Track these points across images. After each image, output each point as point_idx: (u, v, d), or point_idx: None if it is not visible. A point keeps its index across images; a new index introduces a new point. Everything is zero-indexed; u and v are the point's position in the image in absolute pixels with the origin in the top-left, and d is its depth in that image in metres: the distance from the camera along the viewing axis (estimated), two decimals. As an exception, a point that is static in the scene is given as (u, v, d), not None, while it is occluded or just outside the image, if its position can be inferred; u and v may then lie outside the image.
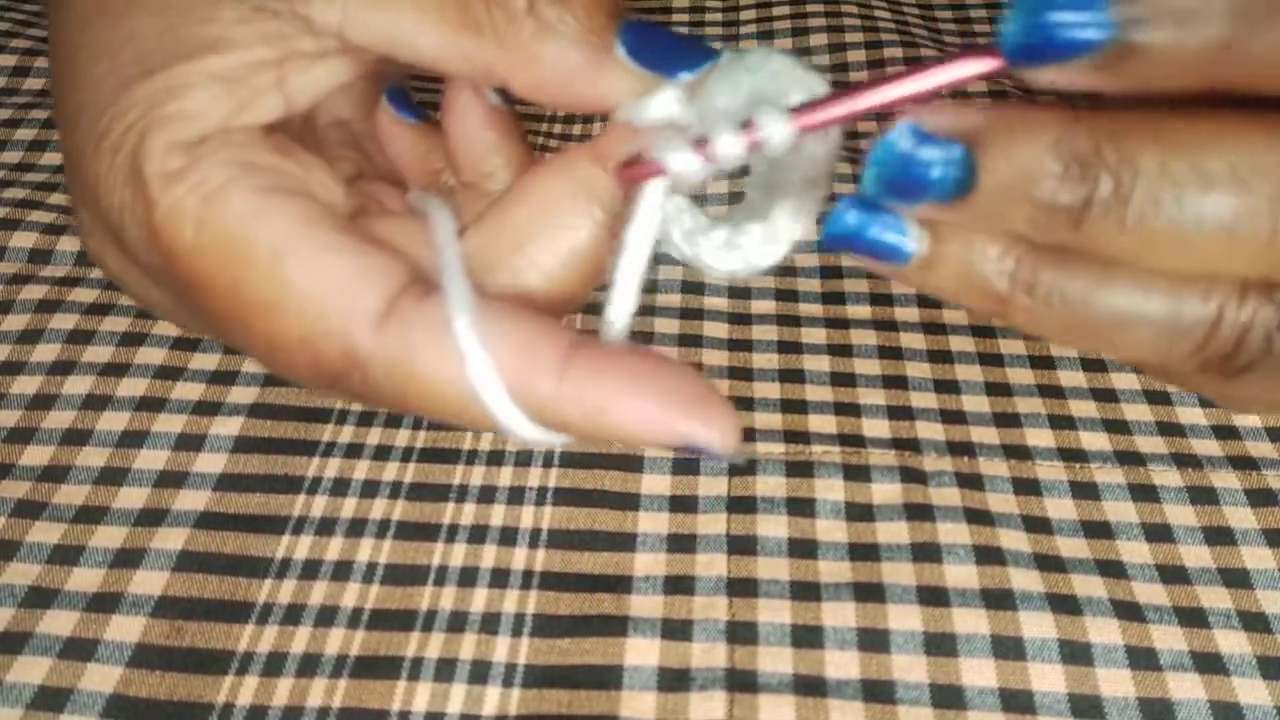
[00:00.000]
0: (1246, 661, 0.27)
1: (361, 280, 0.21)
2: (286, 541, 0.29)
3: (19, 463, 0.31)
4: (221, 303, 0.21)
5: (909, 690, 0.26)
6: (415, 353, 0.20)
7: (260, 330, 0.21)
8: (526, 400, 0.20)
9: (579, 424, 0.20)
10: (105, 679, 0.26)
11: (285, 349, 0.21)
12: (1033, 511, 0.30)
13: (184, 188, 0.21)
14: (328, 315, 0.21)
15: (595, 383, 0.20)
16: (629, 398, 0.20)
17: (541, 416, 0.21)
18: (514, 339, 0.20)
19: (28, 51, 0.46)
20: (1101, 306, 0.19)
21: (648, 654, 0.27)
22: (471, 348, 0.20)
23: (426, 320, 0.21)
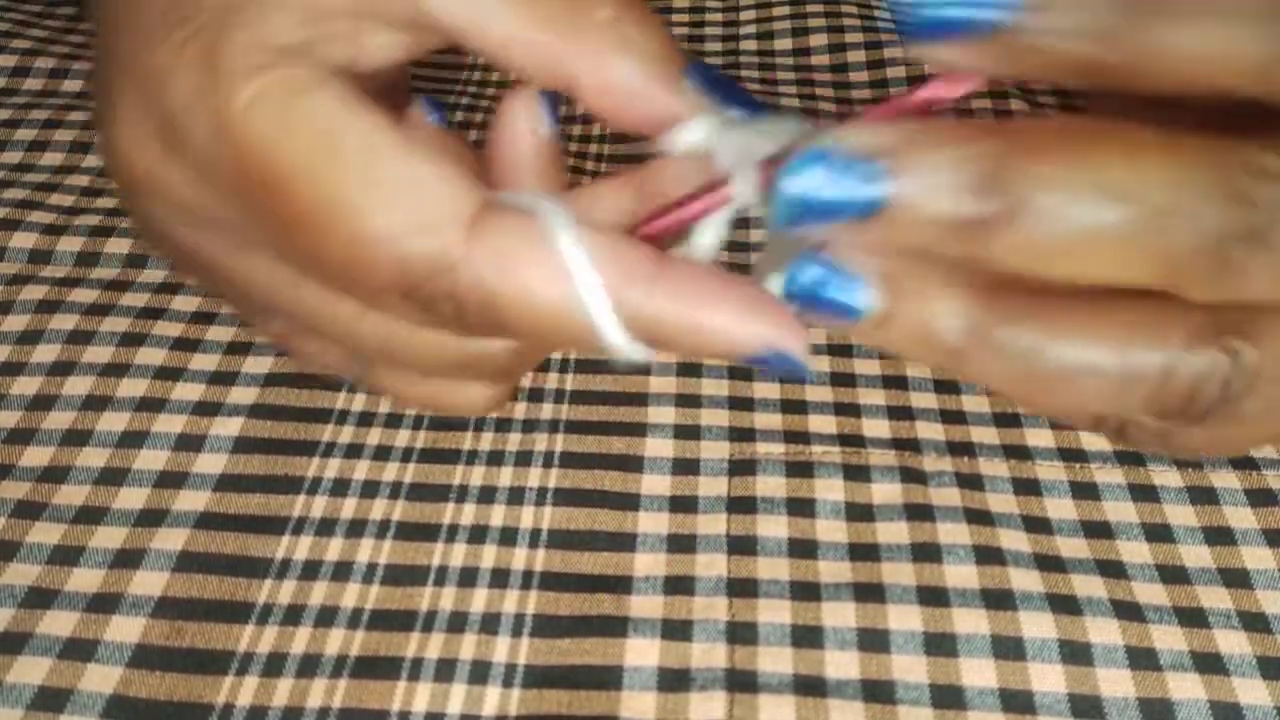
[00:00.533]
0: (1246, 661, 0.27)
1: (453, 185, 0.21)
2: (286, 542, 0.29)
3: (19, 463, 0.31)
4: (298, 201, 0.21)
5: (909, 690, 0.26)
6: (511, 257, 0.20)
7: (342, 230, 0.21)
8: (622, 309, 0.20)
9: (671, 331, 0.21)
10: (105, 679, 0.26)
11: (369, 248, 0.20)
12: (1033, 511, 0.30)
13: (271, 79, 0.21)
14: (421, 214, 0.20)
15: (685, 292, 0.21)
16: (718, 305, 0.21)
17: (635, 326, 0.21)
18: (608, 250, 0.20)
19: (28, 52, 0.46)
20: (1053, 358, 0.19)
21: (648, 654, 0.27)
22: (576, 251, 0.20)
23: (523, 228, 0.20)
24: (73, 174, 0.41)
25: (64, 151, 0.42)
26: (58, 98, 0.45)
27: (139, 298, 0.36)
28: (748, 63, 0.47)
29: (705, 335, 0.21)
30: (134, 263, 0.37)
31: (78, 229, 0.38)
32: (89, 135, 0.42)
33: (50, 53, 0.46)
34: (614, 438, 0.32)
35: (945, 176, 0.18)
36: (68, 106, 0.44)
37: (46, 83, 0.45)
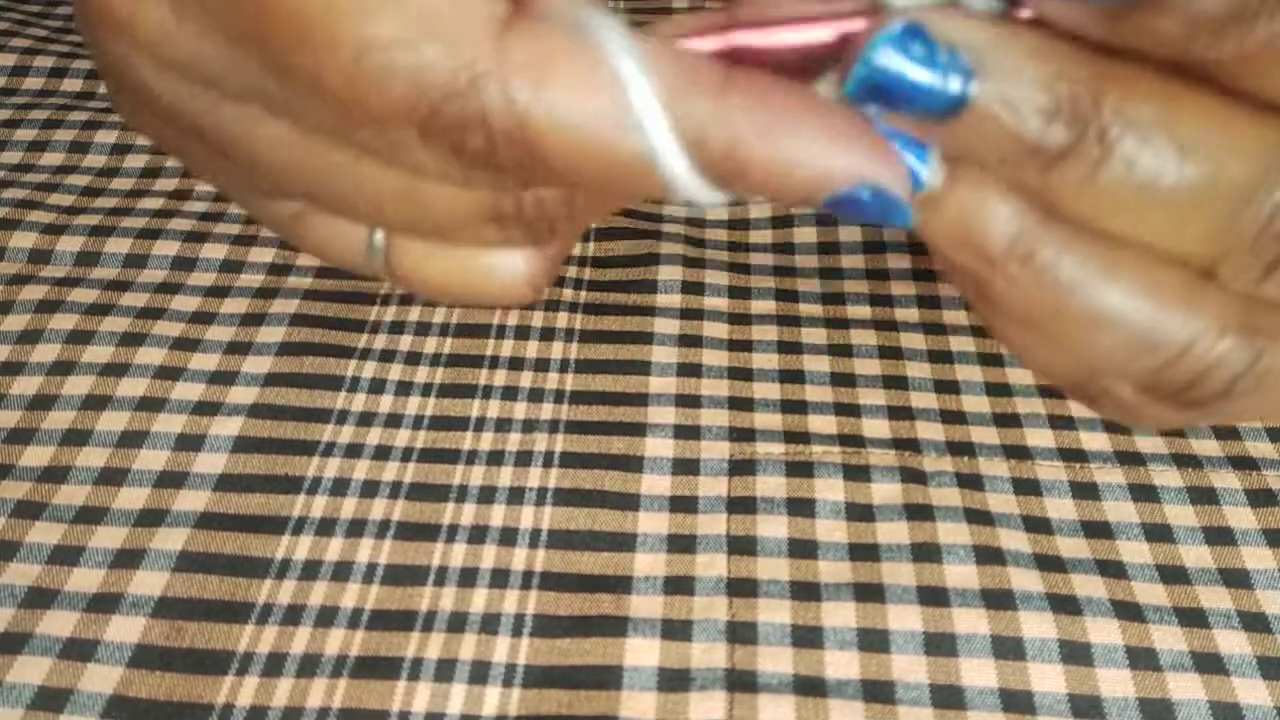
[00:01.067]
0: (1246, 661, 0.27)
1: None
2: (286, 542, 0.29)
3: (19, 463, 0.31)
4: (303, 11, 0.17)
5: (909, 690, 0.26)
6: (551, 69, 0.17)
7: (348, 41, 0.17)
8: (687, 128, 0.17)
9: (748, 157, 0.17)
10: (105, 679, 0.26)
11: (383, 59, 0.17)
12: (1033, 511, 0.30)
13: None
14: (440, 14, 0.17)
15: (764, 106, 0.17)
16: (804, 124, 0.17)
17: (704, 152, 0.17)
18: (666, 57, 0.17)
19: (27, 51, 0.46)
20: (1091, 297, 0.18)
21: (648, 654, 0.27)
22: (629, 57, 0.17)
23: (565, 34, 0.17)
24: (73, 174, 0.41)
25: (64, 151, 0.42)
26: (58, 97, 0.45)
27: (139, 298, 0.36)
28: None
29: (789, 164, 0.17)
30: (134, 263, 0.37)
31: (78, 229, 0.38)
32: (89, 135, 0.42)
33: (49, 51, 0.46)
34: (614, 438, 0.32)
35: (1035, 94, 0.16)
36: (67, 106, 0.44)
37: (46, 82, 0.45)
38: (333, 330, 0.35)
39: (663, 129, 0.17)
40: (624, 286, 0.36)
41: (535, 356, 0.34)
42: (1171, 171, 0.16)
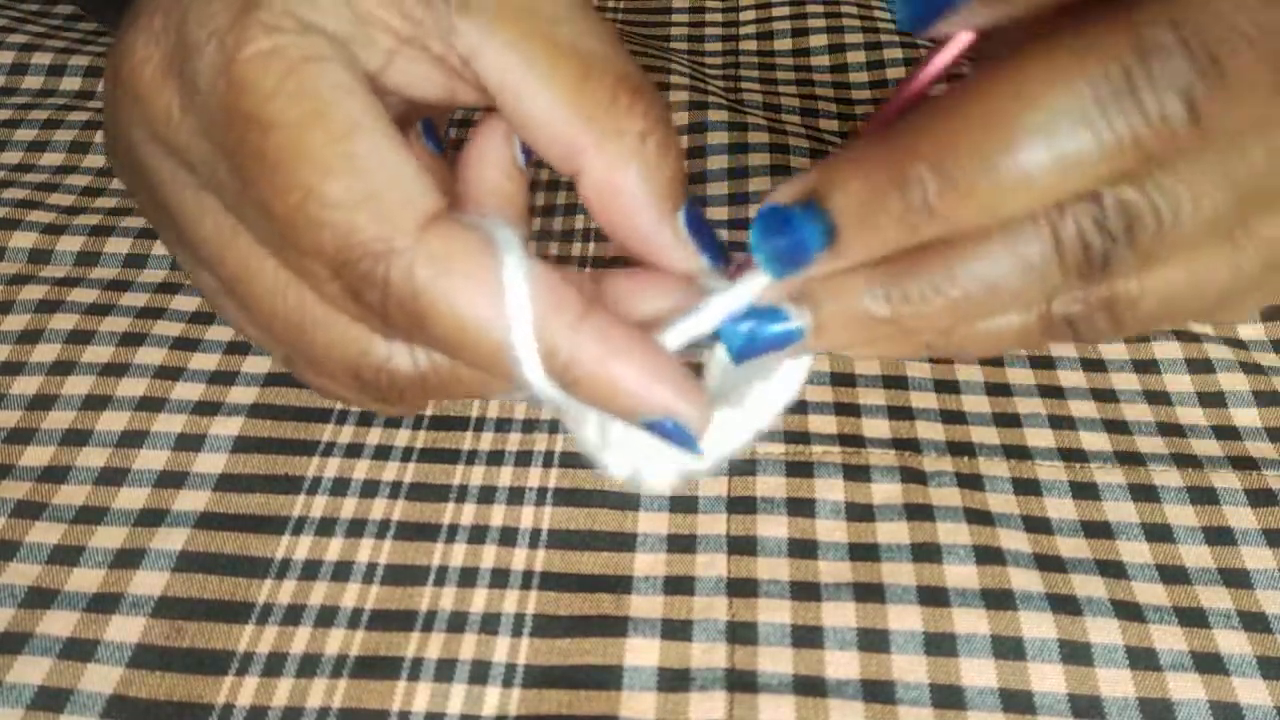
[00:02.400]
0: (1246, 661, 0.27)
1: (422, 182, 0.22)
2: (286, 541, 0.29)
3: (19, 463, 0.31)
4: (275, 152, 0.21)
5: (909, 690, 0.26)
6: (452, 263, 0.21)
7: (302, 185, 0.21)
8: (544, 338, 0.21)
9: (584, 373, 0.22)
10: (105, 679, 0.26)
11: (320, 213, 0.21)
12: (1033, 511, 0.30)
13: (285, 41, 0.22)
14: (381, 196, 0.21)
15: (607, 338, 0.22)
16: (633, 361, 0.22)
17: (552, 360, 0.22)
18: (546, 279, 0.21)
19: (24, 48, 0.46)
20: (965, 279, 0.21)
21: (648, 654, 0.27)
22: (516, 271, 0.21)
23: (469, 238, 0.21)
24: (73, 174, 0.41)
25: (64, 151, 0.42)
26: (57, 97, 0.45)
27: (139, 298, 0.36)
28: (747, 63, 0.47)
29: (614, 386, 0.22)
30: (134, 263, 0.37)
31: (78, 229, 0.38)
32: (89, 135, 0.42)
33: (48, 48, 0.46)
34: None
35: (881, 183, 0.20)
36: (67, 106, 0.44)
37: (45, 81, 0.45)
38: (333, 330, 0.35)
39: (526, 337, 0.21)
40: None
41: (535, 356, 0.34)
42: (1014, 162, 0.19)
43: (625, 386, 0.22)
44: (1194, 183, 0.20)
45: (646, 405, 0.22)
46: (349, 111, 0.21)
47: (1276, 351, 0.35)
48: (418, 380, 0.24)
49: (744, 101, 0.44)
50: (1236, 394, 0.33)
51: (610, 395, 0.22)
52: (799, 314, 0.22)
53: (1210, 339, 0.35)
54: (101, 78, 0.45)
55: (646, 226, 0.24)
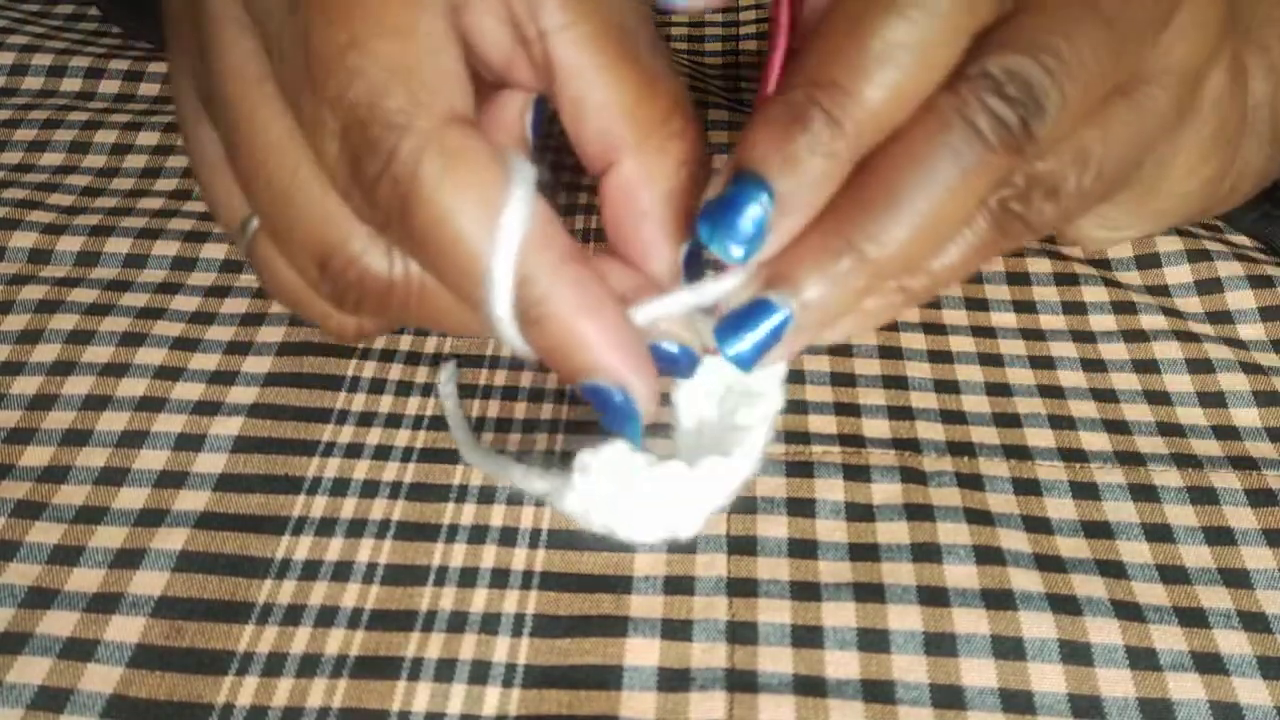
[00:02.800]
0: (1246, 661, 0.27)
1: (463, 85, 0.22)
2: (286, 542, 0.29)
3: (19, 463, 0.31)
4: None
5: (909, 690, 0.26)
6: (463, 161, 0.21)
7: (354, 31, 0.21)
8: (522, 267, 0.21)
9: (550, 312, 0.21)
10: (105, 679, 0.26)
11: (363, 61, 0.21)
12: (1033, 511, 0.30)
13: None
14: (423, 74, 0.21)
15: (584, 291, 0.22)
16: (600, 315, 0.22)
17: (524, 288, 0.21)
18: (544, 215, 0.22)
19: (25, 49, 0.46)
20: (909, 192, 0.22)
21: (648, 654, 0.27)
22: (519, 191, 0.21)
23: (486, 149, 0.21)
24: (73, 174, 0.41)
25: (64, 151, 0.42)
26: (57, 97, 0.45)
27: (139, 298, 0.36)
28: (748, 62, 0.47)
29: (576, 337, 0.22)
30: (134, 263, 0.37)
31: (78, 229, 0.38)
32: (89, 135, 0.42)
33: (48, 49, 0.46)
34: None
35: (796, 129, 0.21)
36: (67, 106, 0.44)
37: (46, 82, 0.45)
38: (333, 330, 0.35)
39: (507, 256, 0.21)
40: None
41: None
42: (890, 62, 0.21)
43: (586, 341, 0.22)
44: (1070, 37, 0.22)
45: (600, 367, 0.22)
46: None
47: (1276, 351, 0.35)
48: (384, 287, 0.24)
49: (744, 101, 0.44)
50: (1236, 394, 0.33)
51: (568, 346, 0.22)
52: (781, 298, 0.22)
53: (1210, 339, 0.35)
54: (102, 78, 0.45)
55: (649, 244, 0.24)
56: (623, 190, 0.24)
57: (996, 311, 0.36)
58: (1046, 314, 0.36)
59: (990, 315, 0.36)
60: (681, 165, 0.24)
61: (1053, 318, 0.36)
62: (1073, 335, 0.35)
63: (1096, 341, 0.35)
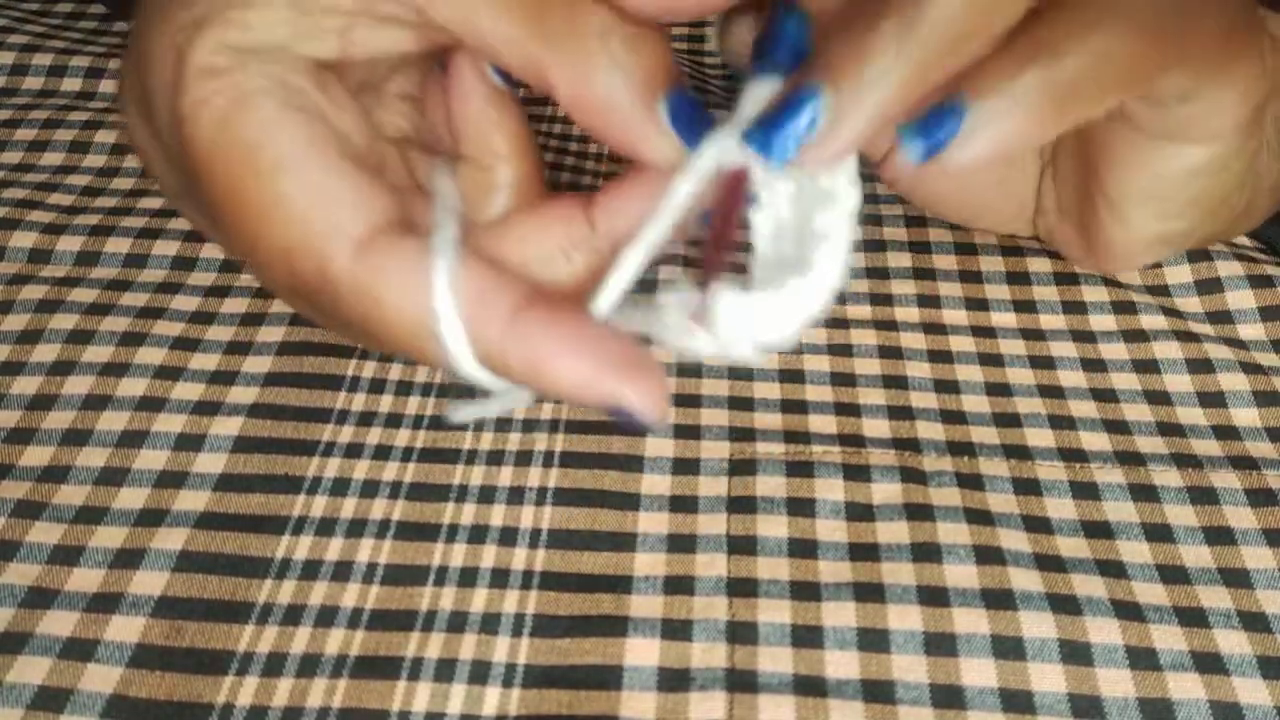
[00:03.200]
0: (1246, 661, 0.27)
1: (350, 205, 0.23)
2: (286, 541, 0.29)
3: (19, 463, 0.31)
4: (221, 201, 0.23)
5: (909, 690, 0.26)
6: (383, 281, 0.22)
7: (249, 233, 0.23)
8: (475, 341, 0.22)
9: (517, 371, 0.22)
10: (105, 679, 0.26)
11: (268, 255, 0.23)
12: (1033, 511, 0.30)
13: (217, 85, 0.22)
14: (311, 231, 0.22)
15: (537, 336, 0.22)
16: (565, 354, 0.22)
17: (487, 359, 0.22)
18: (472, 283, 0.22)
19: (25, 48, 0.46)
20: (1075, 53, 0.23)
21: (648, 654, 0.27)
22: (440, 285, 0.22)
23: (402, 254, 0.22)
24: (73, 174, 0.41)
25: (64, 151, 0.42)
26: (57, 97, 0.45)
27: (139, 297, 0.36)
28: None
29: (548, 382, 0.22)
30: (134, 263, 0.37)
31: (77, 229, 0.38)
32: (89, 135, 0.42)
33: (48, 49, 0.46)
34: (614, 437, 0.32)
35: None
36: (67, 106, 0.44)
37: (46, 82, 0.45)
38: (333, 330, 0.35)
39: (459, 344, 0.22)
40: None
41: (535, 356, 0.34)
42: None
43: (564, 384, 0.22)
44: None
45: (591, 398, 0.22)
46: (276, 150, 0.22)
47: (1276, 351, 0.35)
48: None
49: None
50: (1236, 394, 0.33)
51: (554, 391, 0.22)
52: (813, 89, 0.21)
53: (1210, 339, 0.35)
54: (102, 78, 0.45)
55: (624, 126, 0.23)
56: (571, 106, 0.23)
57: (996, 311, 0.36)
58: (1046, 314, 0.36)
59: (990, 315, 0.36)
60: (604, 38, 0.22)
61: (1053, 318, 0.36)
62: (1073, 335, 0.35)
63: (1096, 341, 0.35)
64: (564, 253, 0.25)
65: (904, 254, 0.38)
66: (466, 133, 0.25)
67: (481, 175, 0.25)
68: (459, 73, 0.24)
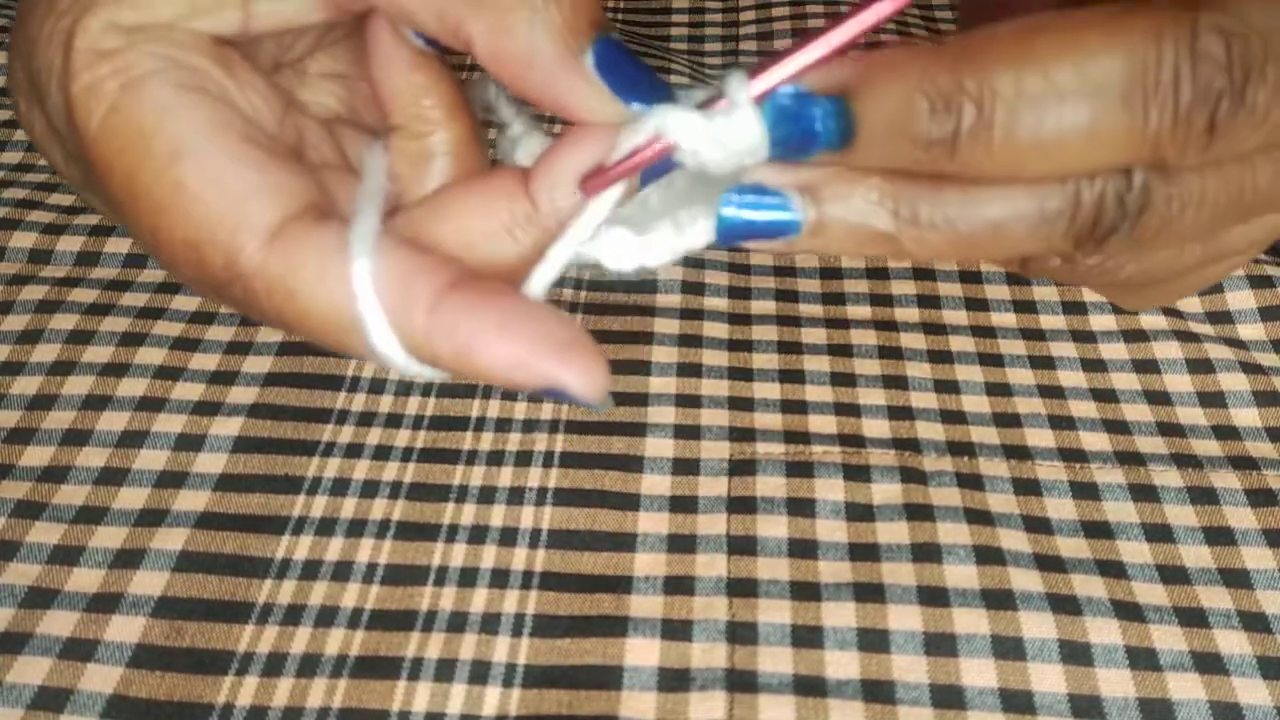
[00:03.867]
0: (1246, 661, 0.27)
1: (258, 193, 0.21)
2: (286, 541, 0.29)
3: (19, 463, 0.31)
4: (117, 191, 0.21)
5: (909, 690, 0.26)
6: (298, 273, 0.21)
7: (147, 225, 0.21)
8: (400, 330, 0.21)
9: (447, 359, 0.21)
10: (105, 679, 0.26)
11: (170, 249, 0.21)
12: (1033, 511, 0.30)
13: (107, 69, 0.21)
14: (214, 223, 0.21)
15: (464, 320, 0.20)
16: (495, 338, 0.20)
17: (414, 348, 0.21)
18: (393, 270, 0.21)
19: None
20: (978, 219, 0.20)
21: (648, 654, 0.27)
22: (359, 275, 0.20)
23: (317, 243, 0.21)
24: (73, 174, 0.41)
25: (64, 151, 0.42)
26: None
27: (139, 298, 0.36)
28: (747, 63, 0.47)
29: (479, 368, 0.21)
30: (134, 263, 0.37)
31: (78, 229, 0.38)
32: (89, 135, 0.42)
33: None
34: (614, 438, 0.32)
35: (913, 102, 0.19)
36: (67, 106, 0.44)
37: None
38: (333, 330, 0.35)
39: (382, 332, 0.21)
40: (624, 286, 0.36)
41: (535, 356, 0.34)
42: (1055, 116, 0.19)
43: (497, 368, 0.21)
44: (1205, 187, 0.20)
45: (522, 381, 0.21)
46: (172, 136, 0.21)
47: (1276, 351, 0.35)
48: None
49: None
50: (1236, 394, 0.33)
51: (480, 375, 0.21)
52: (801, 206, 0.21)
53: (1210, 339, 0.35)
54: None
55: (548, 80, 0.21)
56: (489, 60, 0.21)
57: (996, 311, 0.36)
58: (1046, 314, 0.36)
59: (990, 315, 0.36)
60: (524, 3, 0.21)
61: (1053, 318, 0.36)
62: (1073, 335, 0.35)
63: (1096, 341, 0.35)
64: (509, 231, 0.23)
65: (904, 254, 0.38)
66: (394, 101, 0.23)
67: (416, 145, 0.24)
68: (376, 39, 0.23)
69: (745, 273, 0.37)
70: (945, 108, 0.19)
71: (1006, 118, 0.19)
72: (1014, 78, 0.19)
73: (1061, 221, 0.20)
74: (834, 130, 0.20)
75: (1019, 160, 0.19)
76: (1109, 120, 0.19)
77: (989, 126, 0.19)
